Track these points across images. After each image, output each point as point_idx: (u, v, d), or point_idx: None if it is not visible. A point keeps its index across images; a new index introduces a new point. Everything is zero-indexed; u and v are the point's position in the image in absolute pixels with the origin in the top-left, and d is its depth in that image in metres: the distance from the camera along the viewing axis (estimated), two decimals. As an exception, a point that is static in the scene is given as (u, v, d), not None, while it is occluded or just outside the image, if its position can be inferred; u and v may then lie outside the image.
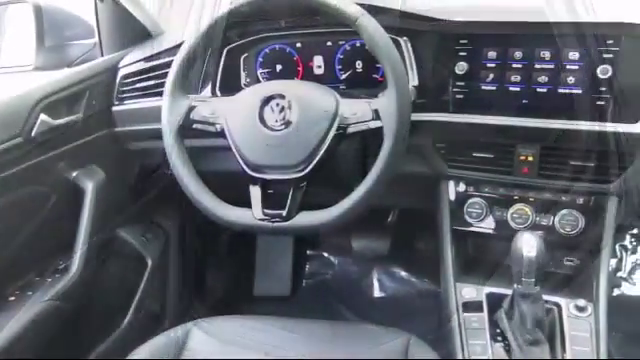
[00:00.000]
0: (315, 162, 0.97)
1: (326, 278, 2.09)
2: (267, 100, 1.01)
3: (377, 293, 2.02)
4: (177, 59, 1.07)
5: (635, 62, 1.02)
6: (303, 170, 0.98)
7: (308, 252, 2.14)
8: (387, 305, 1.97)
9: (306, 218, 0.97)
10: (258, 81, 1.33)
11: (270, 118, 1.00)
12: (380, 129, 0.96)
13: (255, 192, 1.00)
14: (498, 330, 1.09)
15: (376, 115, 0.97)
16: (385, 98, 0.97)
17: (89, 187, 1.31)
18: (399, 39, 1.16)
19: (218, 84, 1.29)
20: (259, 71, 1.33)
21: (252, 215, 0.99)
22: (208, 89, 1.29)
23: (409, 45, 1.17)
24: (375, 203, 0.98)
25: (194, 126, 1.06)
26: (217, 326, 1.11)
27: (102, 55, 1.42)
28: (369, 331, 1.08)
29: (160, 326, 1.56)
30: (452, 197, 1.25)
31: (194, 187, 1.03)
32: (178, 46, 1.10)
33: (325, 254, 2.13)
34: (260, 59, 1.32)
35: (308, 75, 1.30)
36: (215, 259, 1.98)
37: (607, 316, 1.09)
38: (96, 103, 1.34)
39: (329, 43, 1.27)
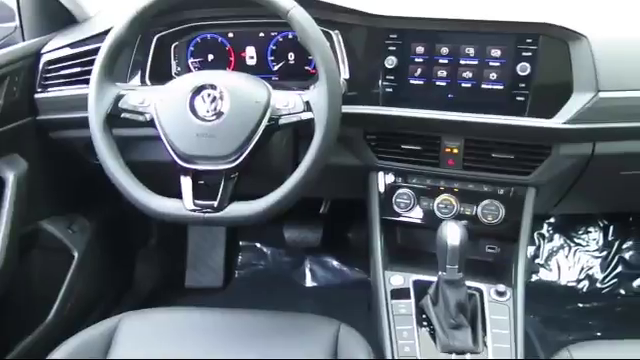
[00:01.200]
0: (247, 153, 0.97)
1: (258, 269, 2.10)
2: (198, 90, 1.00)
3: (309, 283, 2.04)
4: (104, 46, 1.04)
5: (551, 60, 1.08)
6: (235, 161, 0.98)
7: (240, 243, 2.13)
8: (319, 294, 1.99)
9: (238, 209, 0.97)
10: (189, 71, 1.31)
11: (201, 108, 0.99)
12: (311, 121, 0.98)
13: (186, 183, 0.99)
14: (424, 315, 1.14)
15: (307, 107, 0.98)
16: (317, 90, 0.99)
17: (10, 177, 1.25)
18: (331, 32, 1.18)
19: (148, 73, 1.27)
20: (190, 60, 1.31)
21: (183, 206, 0.98)
22: (137, 77, 1.27)
23: (341, 38, 1.18)
24: (307, 194, 1.00)
25: (122, 115, 1.04)
26: (146, 319, 1.09)
27: (23, 40, 1.35)
28: (300, 320, 1.10)
29: (87, 321, 1.52)
30: (381, 188, 1.29)
31: (122, 177, 1.01)
32: (105, 32, 1.07)
33: (257, 245, 2.13)
34: (191, 48, 1.31)
35: (240, 66, 1.29)
36: (145, 251, 1.94)
37: (524, 300, 1.16)
38: (17, 90, 1.28)
39: (261, 34, 1.27)
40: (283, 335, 1.06)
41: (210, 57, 1.31)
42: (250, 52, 1.29)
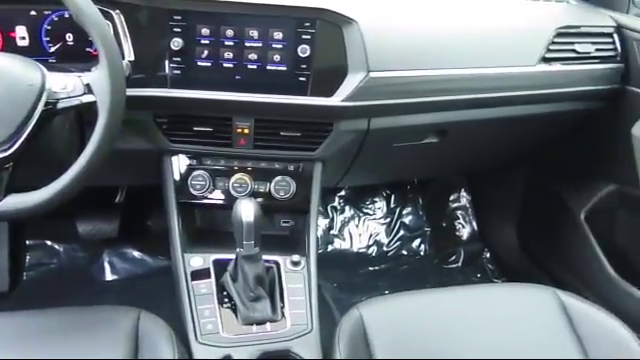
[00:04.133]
0: (22, 140, 0.90)
1: (51, 268, 1.94)
2: None
3: (110, 276, 1.95)
4: None
5: (328, 43, 1.16)
6: (8, 149, 0.89)
7: (27, 242, 1.95)
8: (122, 287, 1.91)
9: (14, 201, 0.90)
10: None
11: None
12: (94, 104, 0.93)
13: None
14: (225, 292, 1.17)
15: (88, 89, 0.94)
16: (98, 72, 0.94)
17: None
18: (111, 12, 1.12)
19: None
20: None
21: None
22: None
23: (122, 18, 1.14)
24: (99, 182, 0.96)
25: None
26: None
27: None
28: (96, 314, 1.06)
29: None
30: (176, 171, 1.28)
31: None
32: None
33: (48, 242, 1.96)
34: None
35: (10, 47, 1.17)
36: None
37: (317, 268, 1.24)
38: None
39: (33, 12, 1.17)
40: (78, 331, 1.01)
41: None
42: (21, 32, 1.17)
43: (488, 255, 2.13)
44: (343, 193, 2.18)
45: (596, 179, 1.63)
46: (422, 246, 2.17)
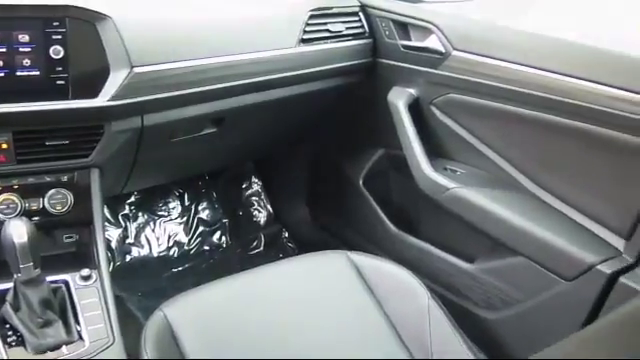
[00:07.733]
0: None
1: None
2: None
3: None
4: None
5: (83, 42, 1.10)
6: None
7: None
8: None
9: None
10: None
11: None
12: None
13: None
14: (8, 325, 1.05)
15: None
16: None
17: None
18: None
19: None
20: None
21: None
22: None
23: None
24: None
25: None
26: None
27: None
28: None
29: None
30: None
31: None
32: None
33: None
34: None
35: None
36: None
37: (110, 278, 1.18)
38: None
39: None
40: None
41: None
42: None
43: (286, 234, 2.22)
44: (133, 199, 2.09)
45: (368, 146, 1.78)
46: (223, 238, 2.18)
